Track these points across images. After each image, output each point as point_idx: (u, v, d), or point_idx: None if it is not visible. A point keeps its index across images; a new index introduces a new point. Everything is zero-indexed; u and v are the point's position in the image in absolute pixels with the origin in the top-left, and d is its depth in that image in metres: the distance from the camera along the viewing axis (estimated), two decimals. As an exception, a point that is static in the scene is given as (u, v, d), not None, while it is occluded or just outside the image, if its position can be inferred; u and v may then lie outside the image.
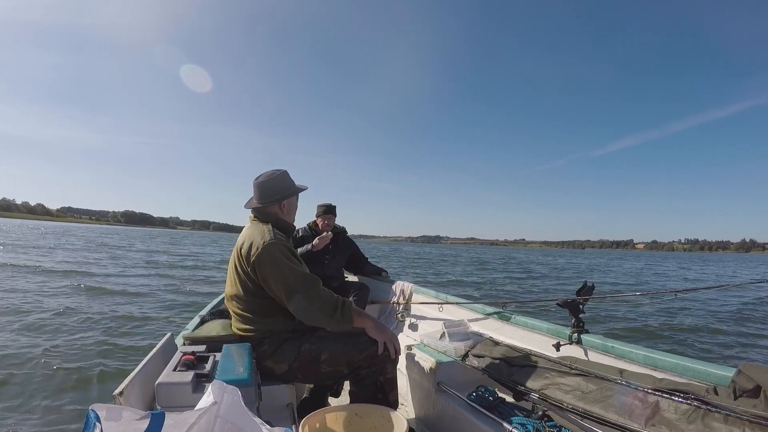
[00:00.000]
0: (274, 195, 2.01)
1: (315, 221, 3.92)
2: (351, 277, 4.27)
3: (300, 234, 3.84)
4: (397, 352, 1.90)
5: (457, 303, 3.06)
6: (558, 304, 2.20)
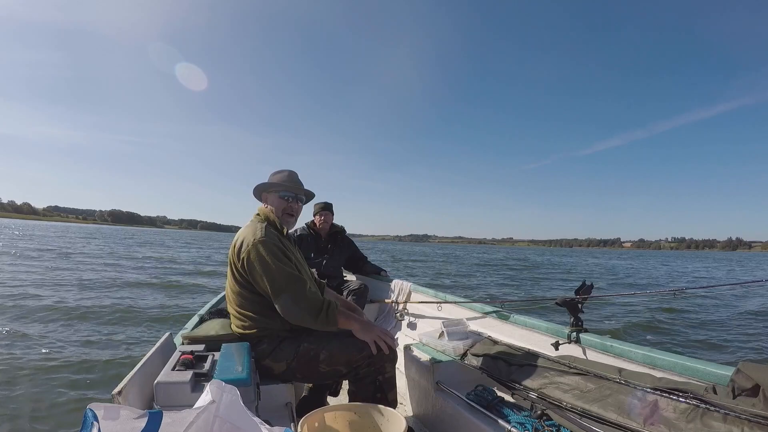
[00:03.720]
0: (262, 188, 2.08)
1: (313, 220, 3.92)
2: (350, 276, 4.27)
3: (298, 233, 3.84)
4: (392, 347, 1.89)
5: (455, 302, 3.06)
6: (557, 303, 2.20)
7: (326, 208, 3.85)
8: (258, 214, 2.05)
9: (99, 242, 33.00)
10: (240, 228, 2.04)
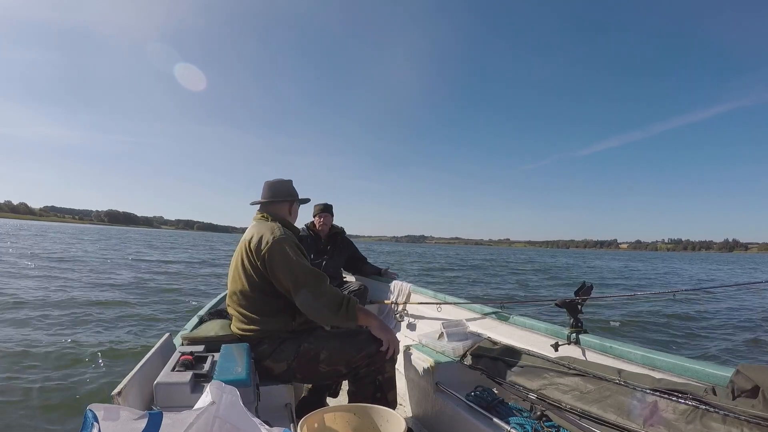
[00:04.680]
0: (288, 195, 2.12)
1: (312, 221, 3.92)
2: (349, 277, 4.27)
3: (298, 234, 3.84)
4: (396, 353, 1.91)
5: (455, 303, 3.06)
6: (556, 304, 2.20)
7: (326, 210, 3.86)
8: (264, 216, 2.05)
9: (92, 242, 32.89)
10: (237, 228, 2.06)
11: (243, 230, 2.17)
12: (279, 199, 2.09)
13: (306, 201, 2.27)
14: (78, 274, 11.62)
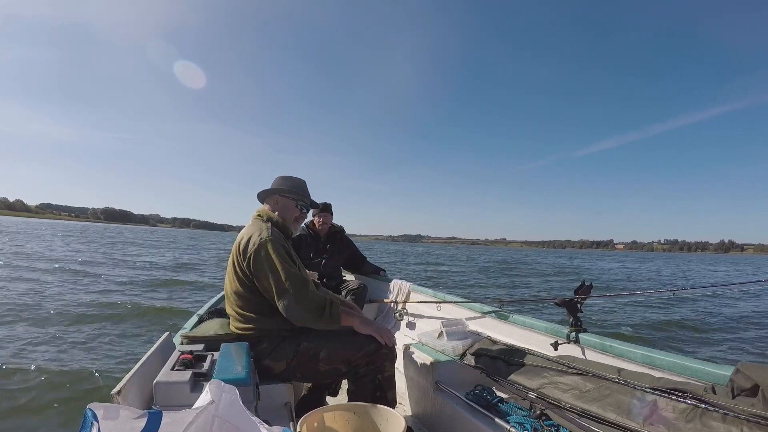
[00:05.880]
0: (274, 189, 2.07)
1: (312, 221, 3.92)
2: (348, 276, 4.27)
3: (297, 233, 3.83)
4: (390, 343, 1.91)
5: (455, 302, 3.06)
6: (556, 303, 2.20)
7: (325, 209, 3.85)
8: (260, 215, 2.03)
9: (88, 241, 32.83)
10: (233, 226, 2.03)
11: (239, 228, 2.15)
12: (267, 192, 2.06)
13: (304, 197, 2.11)
14: (75, 273, 11.61)
